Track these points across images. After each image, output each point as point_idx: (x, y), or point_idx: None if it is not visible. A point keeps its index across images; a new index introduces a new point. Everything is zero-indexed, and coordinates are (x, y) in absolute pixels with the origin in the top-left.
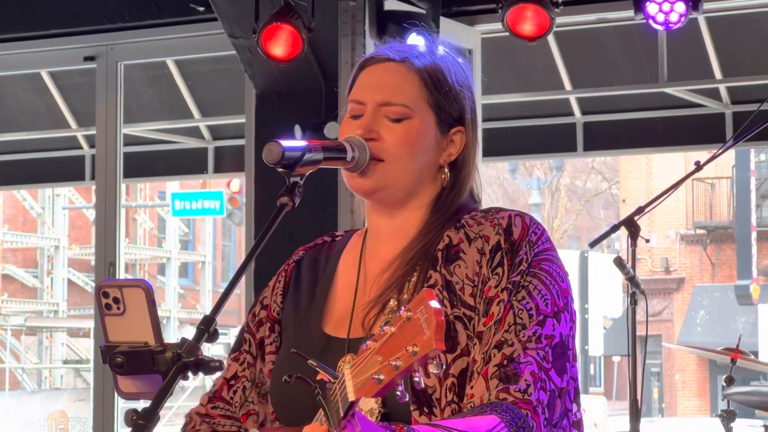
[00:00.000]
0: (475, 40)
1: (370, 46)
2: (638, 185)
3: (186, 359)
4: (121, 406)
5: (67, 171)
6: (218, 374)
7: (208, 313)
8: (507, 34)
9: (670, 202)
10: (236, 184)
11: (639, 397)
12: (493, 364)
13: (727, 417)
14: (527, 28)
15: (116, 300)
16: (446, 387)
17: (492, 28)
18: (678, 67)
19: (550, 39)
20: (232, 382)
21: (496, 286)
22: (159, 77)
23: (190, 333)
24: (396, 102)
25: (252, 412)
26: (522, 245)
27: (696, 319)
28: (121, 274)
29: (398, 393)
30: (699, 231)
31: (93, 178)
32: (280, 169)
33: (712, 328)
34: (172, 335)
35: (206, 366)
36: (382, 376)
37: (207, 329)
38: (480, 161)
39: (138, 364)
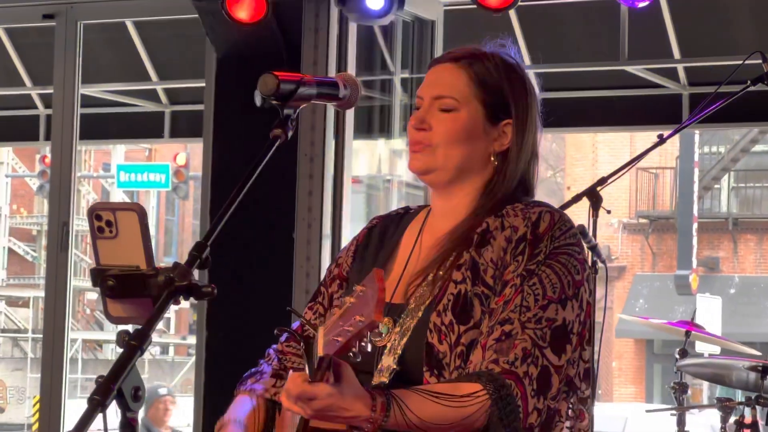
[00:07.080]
0: (437, 11)
1: (335, 12)
2: (584, 173)
3: (178, 283)
4: (70, 377)
5: (21, 130)
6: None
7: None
8: (469, 6)
9: (613, 191)
10: (182, 157)
11: (596, 363)
12: (492, 337)
13: (680, 389)
14: None
15: (109, 223)
16: (456, 354)
17: None
18: (638, 46)
19: (512, 14)
20: (306, 327)
21: (513, 271)
22: (117, 39)
23: None
24: (445, 95)
25: None
26: (544, 238)
27: (635, 307)
28: (72, 237)
29: (351, 354)
30: (641, 220)
31: (47, 138)
32: (274, 102)
33: (651, 316)
34: None
35: (198, 290)
36: (339, 338)
37: (199, 255)
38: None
39: (129, 287)
